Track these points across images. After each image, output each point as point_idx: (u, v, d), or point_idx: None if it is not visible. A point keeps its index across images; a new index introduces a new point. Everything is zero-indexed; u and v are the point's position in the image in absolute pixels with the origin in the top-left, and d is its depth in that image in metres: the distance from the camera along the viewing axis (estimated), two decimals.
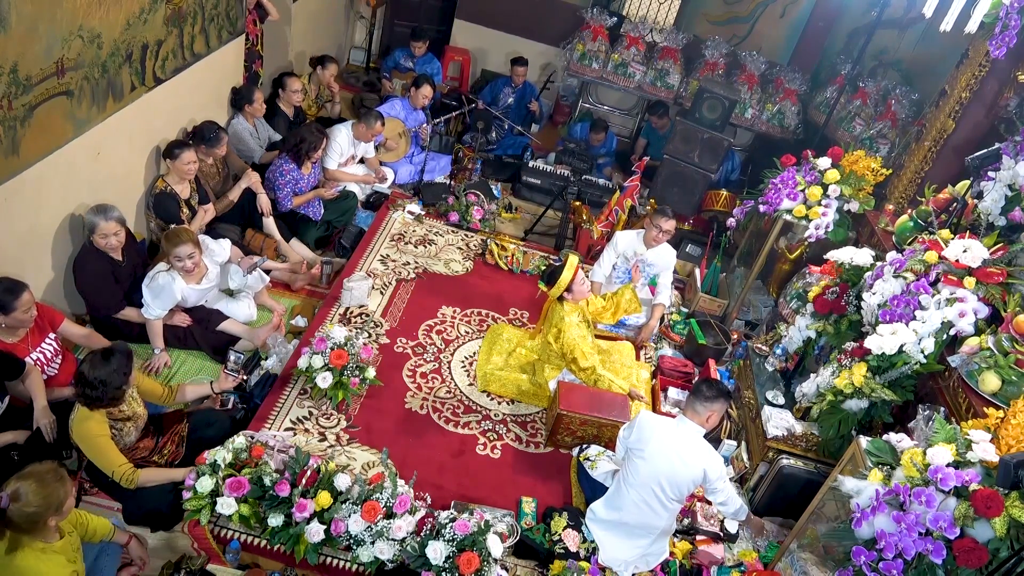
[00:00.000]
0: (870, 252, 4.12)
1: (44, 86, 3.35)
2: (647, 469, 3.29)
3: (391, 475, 3.44)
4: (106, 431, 3.01)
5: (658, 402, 4.50)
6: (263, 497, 3.18)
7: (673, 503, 3.34)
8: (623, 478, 3.41)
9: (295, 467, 3.29)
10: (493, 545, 3.09)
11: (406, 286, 5.13)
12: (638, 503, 3.34)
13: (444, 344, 4.69)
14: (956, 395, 3.33)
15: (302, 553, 3.11)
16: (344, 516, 3.13)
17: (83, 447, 3.02)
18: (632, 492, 3.34)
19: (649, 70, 7.53)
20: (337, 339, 4.03)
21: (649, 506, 3.33)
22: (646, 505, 3.33)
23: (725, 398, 3.30)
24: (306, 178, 5.30)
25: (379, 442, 3.82)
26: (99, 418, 2.99)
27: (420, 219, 5.90)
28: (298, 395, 3.99)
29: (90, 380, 2.89)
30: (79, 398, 2.96)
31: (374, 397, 4.11)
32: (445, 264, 5.46)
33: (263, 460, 3.30)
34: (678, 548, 3.60)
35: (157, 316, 3.93)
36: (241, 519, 3.17)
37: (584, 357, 4.15)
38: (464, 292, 5.21)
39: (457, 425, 4.09)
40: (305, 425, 3.84)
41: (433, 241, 5.69)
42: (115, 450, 3.03)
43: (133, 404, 3.18)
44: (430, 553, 3.01)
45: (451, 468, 3.81)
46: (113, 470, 3.02)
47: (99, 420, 2.99)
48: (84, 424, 2.96)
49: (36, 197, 3.55)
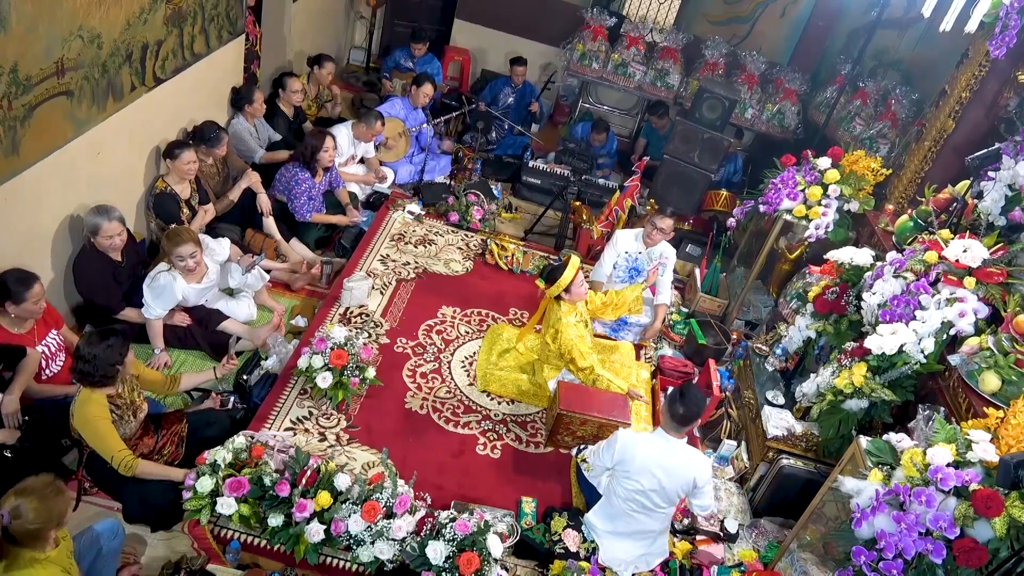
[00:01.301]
0: (870, 252, 4.12)
1: (44, 86, 3.35)
2: (634, 486, 3.30)
3: (391, 475, 3.44)
4: (106, 414, 3.01)
5: (658, 402, 4.50)
6: (263, 497, 3.19)
7: (666, 509, 3.35)
8: (612, 491, 3.42)
9: (295, 467, 3.29)
10: (493, 545, 3.09)
11: (406, 286, 5.13)
12: (630, 513, 3.36)
13: (444, 344, 4.69)
14: (956, 395, 3.33)
15: (302, 553, 3.11)
16: (344, 516, 3.13)
17: (83, 432, 3.01)
18: (622, 504, 3.36)
19: (649, 70, 7.53)
20: (337, 339, 4.03)
21: (642, 515, 3.35)
22: (638, 515, 3.35)
23: (695, 418, 3.27)
24: (318, 186, 5.33)
25: (379, 442, 3.82)
26: (99, 400, 3.00)
27: (420, 219, 5.90)
28: (298, 395, 3.99)
29: (84, 354, 2.94)
30: (74, 373, 2.99)
31: (374, 397, 4.11)
32: (445, 264, 5.46)
33: (263, 460, 3.30)
34: (678, 548, 3.60)
35: (158, 316, 3.93)
36: (241, 519, 3.17)
37: (582, 357, 4.15)
38: (464, 292, 5.21)
39: (457, 425, 4.09)
40: (305, 425, 3.84)
41: (433, 241, 5.69)
42: (115, 434, 3.03)
43: (132, 394, 3.18)
44: (430, 553, 3.01)
45: (451, 468, 3.81)
46: (112, 455, 3.02)
47: (99, 403, 3.00)
48: (84, 407, 2.97)
49: (36, 197, 3.55)
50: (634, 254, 5.07)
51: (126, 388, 3.15)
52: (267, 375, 4.09)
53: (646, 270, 5.08)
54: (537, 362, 4.41)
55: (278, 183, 5.20)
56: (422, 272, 5.30)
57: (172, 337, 4.09)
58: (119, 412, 3.10)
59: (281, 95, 6.01)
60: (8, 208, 3.34)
